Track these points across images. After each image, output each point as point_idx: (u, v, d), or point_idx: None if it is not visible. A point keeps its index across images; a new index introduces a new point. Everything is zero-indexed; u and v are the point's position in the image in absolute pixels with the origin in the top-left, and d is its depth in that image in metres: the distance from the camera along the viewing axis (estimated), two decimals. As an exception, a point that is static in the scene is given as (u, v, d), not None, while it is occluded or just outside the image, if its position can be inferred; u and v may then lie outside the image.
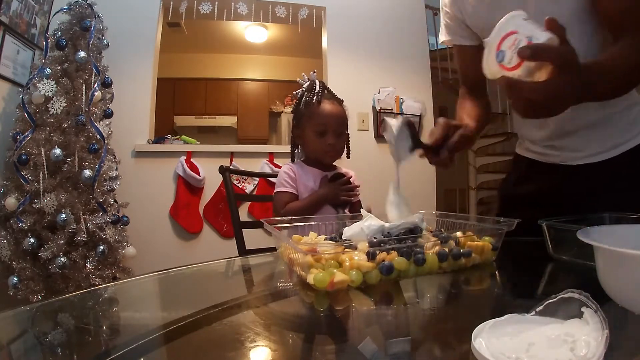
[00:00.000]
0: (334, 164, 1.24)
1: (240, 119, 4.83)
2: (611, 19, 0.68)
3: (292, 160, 1.22)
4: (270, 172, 2.26)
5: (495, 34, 0.53)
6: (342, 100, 1.20)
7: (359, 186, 1.22)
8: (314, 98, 1.14)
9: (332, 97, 1.18)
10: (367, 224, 0.59)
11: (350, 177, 1.19)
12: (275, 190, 1.17)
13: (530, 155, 0.93)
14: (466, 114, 0.86)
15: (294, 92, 1.21)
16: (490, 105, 0.98)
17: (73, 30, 1.81)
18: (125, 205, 1.99)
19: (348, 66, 2.65)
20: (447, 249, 0.57)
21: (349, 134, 1.20)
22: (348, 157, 1.22)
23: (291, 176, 1.15)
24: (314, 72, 1.22)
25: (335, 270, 0.49)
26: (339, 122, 1.15)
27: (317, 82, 1.18)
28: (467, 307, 0.49)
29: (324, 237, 0.63)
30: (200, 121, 4.75)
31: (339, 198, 1.11)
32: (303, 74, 1.21)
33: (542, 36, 0.49)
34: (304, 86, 1.17)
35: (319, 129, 1.13)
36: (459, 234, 0.62)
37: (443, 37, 0.96)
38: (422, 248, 0.55)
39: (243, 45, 4.45)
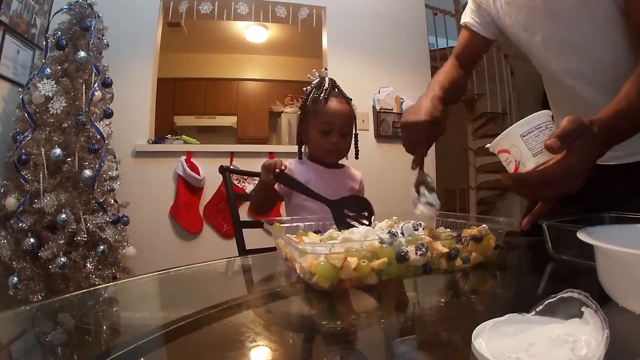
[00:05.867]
0: (341, 163, 1.22)
1: (240, 119, 4.83)
2: None
3: (300, 157, 1.21)
4: (270, 172, 2.25)
5: (495, 143, 0.58)
6: (351, 99, 1.18)
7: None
8: (321, 95, 1.12)
9: (340, 95, 1.16)
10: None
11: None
12: None
13: None
14: (440, 82, 0.87)
15: (304, 89, 1.19)
16: (467, 82, 1.01)
17: (73, 30, 1.81)
18: (125, 205, 1.99)
19: (348, 66, 2.65)
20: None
21: (357, 134, 1.18)
22: (356, 157, 1.20)
23: None
24: (326, 70, 1.20)
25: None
26: (345, 122, 1.13)
27: (326, 79, 1.16)
28: (467, 307, 0.49)
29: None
30: (200, 121, 4.74)
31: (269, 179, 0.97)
32: (314, 70, 1.19)
33: (529, 163, 0.53)
34: (313, 83, 1.16)
35: (323, 128, 1.11)
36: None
37: (467, 18, 0.98)
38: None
39: (243, 45, 4.45)
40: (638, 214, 0.62)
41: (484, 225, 0.62)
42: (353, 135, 1.18)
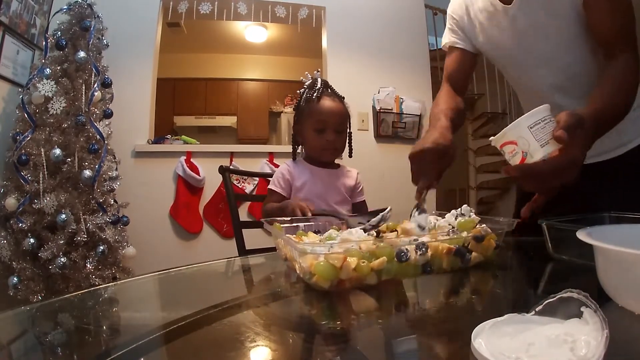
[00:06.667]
0: (337, 162, 1.23)
1: (240, 119, 4.83)
2: (603, 39, 0.76)
3: (294, 158, 1.22)
4: (270, 172, 2.25)
5: (500, 136, 0.58)
6: (343, 98, 1.20)
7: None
8: (314, 95, 1.13)
9: (333, 94, 1.17)
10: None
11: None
12: (268, 186, 1.17)
13: None
14: (444, 111, 0.87)
15: (298, 91, 1.21)
16: (464, 105, 1.02)
17: (73, 31, 1.81)
18: (125, 205, 1.99)
19: (348, 66, 2.65)
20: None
21: (351, 132, 1.20)
22: (350, 155, 1.21)
23: (285, 177, 1.14)
24: (318, 71, 1.22)
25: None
26: (339, 120, 1.14)
27: (319, 80, 1.18)
28: (467, 307, 0.49)
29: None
30: (200, 121, 4.74)
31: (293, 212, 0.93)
32: (307, 72, 1.20)
33: (537, 154, 0.54)
34: (306, 84, 1.17)
35: (317, 126, 1.12)
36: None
37: (447, 39, 1.01)
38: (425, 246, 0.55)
39: (243, 45, 4.45)
40: (638, 214, 0.62)
41: (483, 225, 0.62)
42: (347, 134, 1.19)
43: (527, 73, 0.91)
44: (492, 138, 0.60)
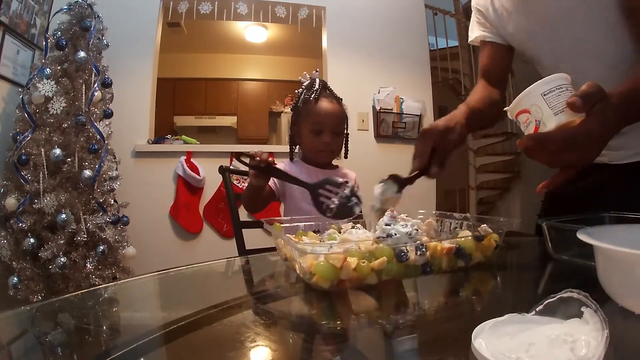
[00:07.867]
0: (334, 163, 1.23)
1: (240, 119, 4.83)
2: None
3: (291, 159, 1.22)
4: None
5: (514, 104, 0.55)
6: (341, 99, 1.19)
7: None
8: (312, 96, 1.13)
9: (331, 95, 1.17)
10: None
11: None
12: None
13: None
14: (470, 101, 0.85)
15: (296, 91, 1.20)
16: (504, 99, 0.97)
17: (73, 31, 1.81)
18: (125, 205, 1.99)
19: (348, 66, 2.65)
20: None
21: (348, 134, 1.19)
22: (345, 156, 1.21)
23: None
24: (317, 71, 1.21)
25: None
26: (336, 121, 1.14)
27: (317, 80, 1.17)
28: (467, 307, 0.49)
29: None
30: (200, 121, 4.75)
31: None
32: (305, 72, 1.19)
33: (550, 122, 0.51)
34: (304, 84, 1.17)
35: (315, 127, 1.12)
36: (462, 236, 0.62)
37: (475, 33, 0.95)
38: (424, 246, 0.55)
39: (243, 45, 4.45)
40: (638, 214, 0.62)
41: (483, 225, 0.62)
42: (344, 135, 1.18)
43: (562, 65, 0.81)
44: (506, 108, 0.57)
